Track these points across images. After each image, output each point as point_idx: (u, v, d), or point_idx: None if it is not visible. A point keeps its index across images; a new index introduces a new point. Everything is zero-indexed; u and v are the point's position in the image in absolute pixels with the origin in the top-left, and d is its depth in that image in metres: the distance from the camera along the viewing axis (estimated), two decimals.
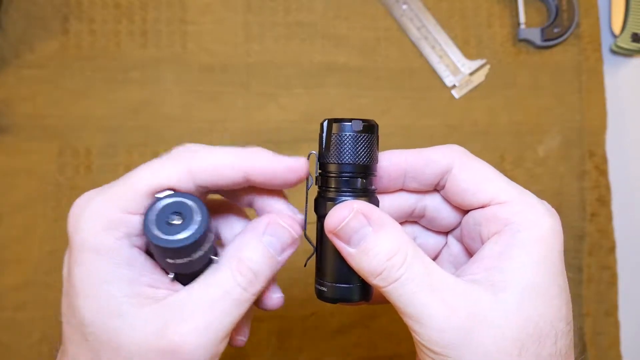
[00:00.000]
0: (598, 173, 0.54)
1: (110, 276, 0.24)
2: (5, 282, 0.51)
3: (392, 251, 0.25)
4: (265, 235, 0.26)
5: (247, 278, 0.25)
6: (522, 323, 0.24)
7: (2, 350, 0.50)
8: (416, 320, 0.24)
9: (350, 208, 0.26)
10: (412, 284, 0.24)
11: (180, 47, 0.55)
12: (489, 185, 0.27)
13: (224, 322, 0.25)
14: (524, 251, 0.25)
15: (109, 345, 0.24)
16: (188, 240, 0.24)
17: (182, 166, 0.26)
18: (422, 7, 0.56)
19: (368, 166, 0.28)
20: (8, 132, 0.53)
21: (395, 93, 0.55)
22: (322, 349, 0.51)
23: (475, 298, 0.24)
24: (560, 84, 0.55)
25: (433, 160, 0.28)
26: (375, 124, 0.28)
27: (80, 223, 0.25)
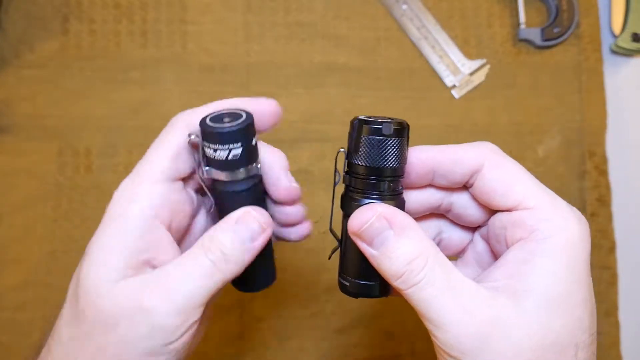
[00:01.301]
0: (598, 173, 0.54)
1: (116, 244, 0.27)
2: (5, 282, 0.51)
3: (412, 255, 0.25)
4: (237, 224, 0.28)
5: (215, 255, 0.27)
6: (542, 333, 0.24)
7: (2, 350, 0.50)
8: (435, 324, 0.25)
9: (374, 211, 0.26)
10: (432, 289, 0.25)
11: (180, 47, 0.55)
12: (518, 188, 0.27)
13: (194, 291, 0.26)
14: (548, 260, 0.25)
15: (93, 305, 0.26)
16: (231, 128, 0.28)
17: (179, 124, 0.29)
18: (422, 7, 0.56)
19: (396, 170, 0.28)
20: (8, 132, 0.53)
21: (395, 93, 0.55)
22: (322, 349, 0.51)
23: (495, 305, 0.24)
24: (560, 84, 0.55)
25: (463, 158, 0.28)
26: (406, 126, 0.28)
27: (114, 197, 0.28)
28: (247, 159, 0.29)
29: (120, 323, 0.26)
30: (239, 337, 0.51)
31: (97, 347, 0.26)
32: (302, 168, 0.53)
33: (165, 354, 0.26)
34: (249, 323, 0.51)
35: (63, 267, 0.51)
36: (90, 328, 0.26)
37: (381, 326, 0.52)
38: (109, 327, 0.26)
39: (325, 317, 0.52)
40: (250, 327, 0.51)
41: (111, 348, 0.26)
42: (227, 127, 0.28)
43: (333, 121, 0.54)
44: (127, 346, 0.26)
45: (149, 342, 0.26)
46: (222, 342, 0.51)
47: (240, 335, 0.51)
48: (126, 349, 0.26)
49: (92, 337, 0.26)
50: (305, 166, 0.53)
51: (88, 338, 0.26)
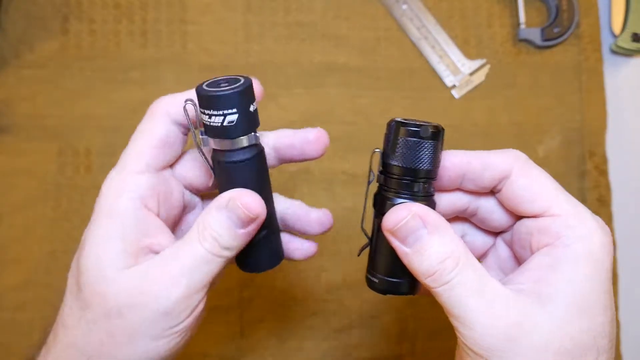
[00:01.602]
0: (598, 173, 0.54)
1: (113, 233, 0.28)
2: (5, 282, 0.51)
3: (445, 254, 0.26)
4: (226, 210, 0.28)
5: (209, 242, 0.28)
6: (565, 336, 0.25)
7: (2, 350, 0.50)
8: (462, 322, 0.26)
9: (408, 210, 0.27)
10: (462, 288, 0.26)
11: (180, 47, 0.55)
12: (545, 196, 0.28)
13: (193, 277, 0.27)
14: (573, 266, 0.26)
15: (98, 294, 0.27)
16: (225, 92, 0.27)
17: (160, 113, 0.30)
18: (422, 7, 0.56)
19: (430, 172, 0.28)
20: (8, 132, 0.53)
21: (395, 93, 0.55)
22: (322, 349, 0.51)
23: (521, 307, 0.25)
24: (560, 84, 0.55)
25: (493, 164, 0.29)
26: (441, 130, 0.28)
27: (101, 191, 0.29)
28: (244, 126, 0.28)
29: (126, 311, 0.27)
30: (239, 337, 0.51)
31: (106, 333, 0.27)
32: (302, 168, 0.53)
33: (171, 336, 0.28)
34: (249, 323, 0.51)
35: (63, 267, 0.51)
36: (97, 316, 0.27)
37: (381, 326, 0.52)
38: (115, 314, 0.27)
39: (325, 317, 0.52)
40: (250, 327, 0.51)
41: (119, 335, 0.27)
42: (221, 91, 0.27)
43: (333, 121, 0.54)
44: (134, 332, 0.27)
45: (155, 327, 0.27)
46: (222, 342, 0.51)
47: (240, 335, 0.51)
48: (134, 334, 0.27)
49: (99, 324, 0.27)
50: (306, 166, 0.53)
51: (96, 325, 0.27)
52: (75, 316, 0.28)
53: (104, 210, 0.28)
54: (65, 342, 0.28)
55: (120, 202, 0.28)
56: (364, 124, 0.54)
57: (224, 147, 0.28)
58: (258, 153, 0.29)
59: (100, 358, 0.28)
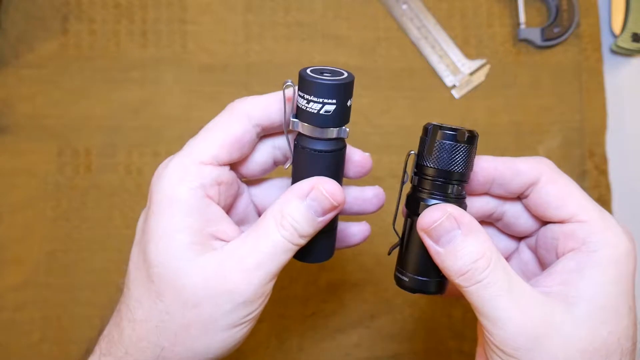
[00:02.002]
0: (598, 173, 0.54)
1: (180, 224, 0.28)
2: (5, 282, 0.51)
3: (477, 255, 0.27)
4: (308, 199, 0.28)
5: (289, 232, 0.28)
6: (591, 337, 0.26)
7: (2, 350, 0.50)
8: (492, 321, 0.26)
9: (443, 211, 0.28)
10: (493, 288, 0.26)
11: (180, 47, 0.55)
12: (572, 202, 0.29)
13: (270, 266, 0.28)
14: (598, 271, 0.27)
15: (172, 285, 0.27)
16: (329, 81, 0.27)
17: (240, 113, 0.29)
18: (422, 7, 0.56)
19: (463, 174, 0.29)
20: (8, 132, 0.53)
21: (395, 93, 0.55)
22: (322, 349, 0.51)
23: (549, 308, 0.26)
24: (560, 83, 0.55)
25: (522, 171, 0.30)
26: (476, 135, 0.30)
27: (159, 180, 0.29)
28: (338, 118, 0.28)
29: (203, 303, 0.27)
30: None
31: (180, 324, 0.27)
32: None
33: (246, 323, 0.29)
34: None
35: (63, 267, 0.51)
36: (172, 307, 0.27)
37: (381, 326, 0.52)
38: (191, 306, 0.27)
39: (325, 317, 0.52)
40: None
41: (195, 325, 0.27)
42: (325, 80, 0.27)
43: None
44: (211, 322, 0.27)
45: (232, 317, 0.28)
46: None
47: None
48: (210, 324, 0.28)
49: (174, 315, 0.27)
50: None
51: (170, 316, 0.28)
52: (146, 308, 0.28)
53: (165, 198, 0.28)
54: (136, 335, 0.28)
55: (182, 191, 0.28)
56: (364, 124, 0.54)
57: (314, 134, 0.29)
58: (343, 147, 0.30)
59: (175, 348, 0.28)
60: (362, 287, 0.52)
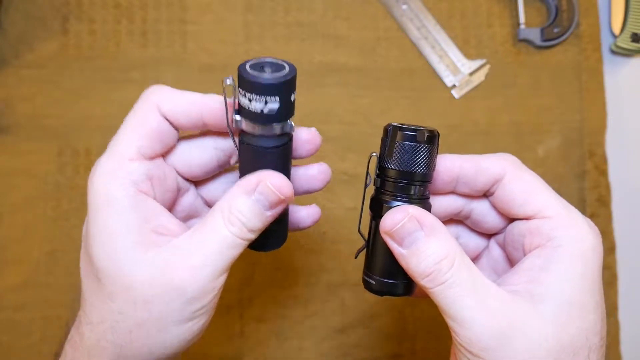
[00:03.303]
0: (598, 173, 0.54)
1: (118, 224, 0.28)
2: (5, 282, 0.51)
3: (441, 255, 0.27)
4: (256, 193, 0.28)
5: (237, 227, 0.28)
6: (558, 335, 0.25)
7: (2, 350, 0.50)
8: (458, 322, 0.26)
9: (405, 212, 0.28)
10: (458, 288, 0.26)
11: (180, 47, 0.55)
12: (537, 199, 0.29)
13: (218, 262, 0.28)
14: (564, 266, 0.26)
15: (120, 285, 0.27)
16: (271, 80, 0.26)
17: (151, 104, 0.29)
18: (422, 7, 0.56)
19: (425, 175, 0.29)
20: (8, 132, 0.53)
21: (395, 93, 0.55)
22: (322, 349, 0.51)
23: (515, 307, 0.26)
24: (560, 83, 0.55)
25: (486, 168, 0.30)
26: (437, 134, 0.29)
27: (91, 182, 0.28)
28: (282, 114, 0.28)
29: (152, 300, 0.27)
30: (239, 336, 0.51)
31: (134, 322, 0.28)
32: None
33: (198, 317, 0.28)
34: (249, 323, 0.51)
35: (63, 267, 0.51)
36: (124, 306, 0.27)
37: (381, 326, 0.52)
38: (141, 304, 0.27)
39: (325, 317, 0.52)
40: (250, 327, 0.52)
41: (148, 322, 0.27)
42: (268, 79, 0.26)
43: (333, 121, 0.54)
44: (162, 319, 0.27)
45: (182, 313, 0.28)
46: (222, 342, 0.51)
47: (240, 335, 0.51)
48: (162, 321, 0.28)
49: (127, 314, 0.27)
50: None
51: (123, 315, 0.28)
52: (99, 310, 0.28)
53: (99, 200, 0.28)
54: (94, 337, 0.29)
55: (114, 190, 0.28)
56: (364, 124, 0.54)
57: (258, 132, 0.28)
58: (288, 141, 0.29)
59: (132, 345, 0.28)
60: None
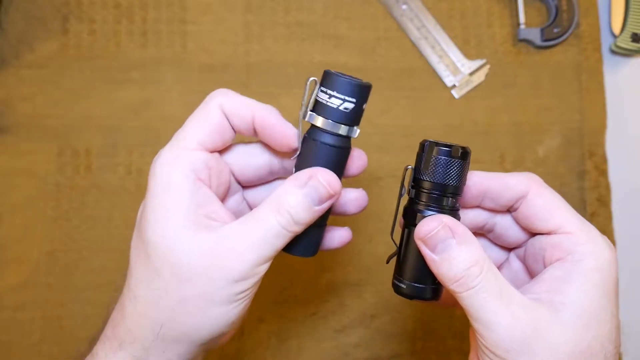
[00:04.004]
0: (598, 173, 0.54)
1: (174, 205, 0.29)
2: (5, 282, 0.51)
3: (471, 262, 0.29)
4: (306, 187, 0.30)
5: (285, 219, 0.29)
6: (576, 341, 0.27)
7: (2, 350, 0.50)
8: (484, 325, 0.28)
9: (439, 221, 0.30)
10: (485, 294, 0.28)
11: (180, 47, 0.55)
12: (558, 215, 0.31)
13: (263, 250, 0.29)
14: (583, 278, 0.29)
15: (168, 262, 0.29)
16: (355, 81, 0.30)
17: (214, 103, 0.32)
18: (422, 7, 0.56)
19: (457, 187, 0.32)
20: (8, 132, 0.53)
21: (395, 93, 0.55)
22: (322, 349, 0.52)
23: (537, 314, 0.28)
24: (560, 83, 0.56)
25: (511, 185, 0.32)
26: (469, 152, 0.32)
27: (154, 169, 0.30)
28: (353, 117, 0.31)
29: (197, 278, 0.29)
30: (239, 336, 0.51)
31: (178, 299, 0.29)
32: None
33: (239, 301, 0.30)
34: (249, 323, 0.51)
35: (63, 267, 0.51)
36: (169, 283, 0.29)
37: (381, 326, 0.52)
38: (187, 282, 0.29)
39: (325, 317, 0.52)
40: (250, 327, 0.52)
41: (192, 300, 0.29)
42: (350, 79, 0.30)
43: None
44: (205, 298, 0.29)
45: (225, 293, 0.29)
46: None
47: (240, 334, 0.51)
48: (205, 300, 0.29)
49: (171, 291, 0.29)
50: None
51: (167, 292, 0.29)
52: (145, 285, 0.30)
53: (159, 183, 0.30)
54: (137, 313, 0.30)
55: (174, 175, 0.30)
56: (364, 124, 0.54)
57: (327, 128, 0.30)
58: (350, 147, 0.32)
59: (173, 324, 0.29)
60: (362, 287, 0.52)
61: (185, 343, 0.30)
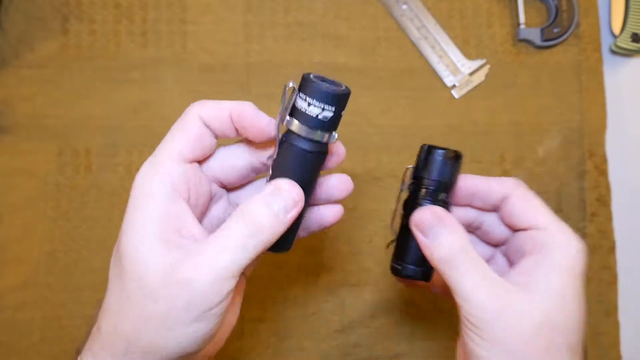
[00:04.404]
0: (598, 173, 0.54)
1: (148, 215, 0.30)
2: (5, 282, 0.51)
3: (455, 245, 0.33)
4: (270, 196, 0.30)
5: (250, 229, 0.29)
6: (543, 316, 0.32)
7: (2, 350, 0.50)
8: (463, 298, 0.32)
9: (432, 210, 0.35)
10: (466, 272, 0.33)
11: (180, 47, 0.55)
12: (535, 213, 0.35)
13: (229, 263, 0.29)
14: (552, 265, 0.33)
15: (135, 274, 0.29)
16: (334, 90, 0.30)
17: (193, 114, 0.33)
18: (422, 7, 0.56)
19: (449, 184, 0.37)
20: (8, 132, 0.53)
21: (395, 93, 0.55)
22: (322, 349, 0.52)
23: (510, 291, 0.32)
24: (560, 83, 0.56)
25: (496, 188, 0.37)
26: (461, 155, 0.37)
27: (135, 180, 0.31)
28: (332, 124, 0.31)
29: (161, 296, 0.28)
30: (239, 336, 0.51)
31: (142, 315, 0.28)
32: None
33: (204, 320, 0.29)
34: (249, 323, 0.52)
35: (63, 267, 0.51)
36: (135, 298, 0.29)
37: (381, 326, 0.52)
38: (150, 298, 0.28)
39: (325, 317, 0.52)
40: (250, 327, 0.52)
41: (155, 317, 0.28)
42: (332, 88, 0.30)
43: None
44: (169, 316, 0.28)
45: (188, 312, 0.28)
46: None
47: (240, 334, 0.51)
48: (168, 318, 0.28)
49: (135, 305, 0.29)
50: None
51: (133, 308, 0.29)
52: (115, 297, 0.30)
53: (138, 194, 0.30)
54: (108, 329, 0.30)
55: (152, 186, 0.30)
56: (364, 124, 0.54)
57: (305, 134, 0.31)
58: (326, 152, 0.33)
59: (139, 341, 0.29)
60: (362, 287, 0.52)
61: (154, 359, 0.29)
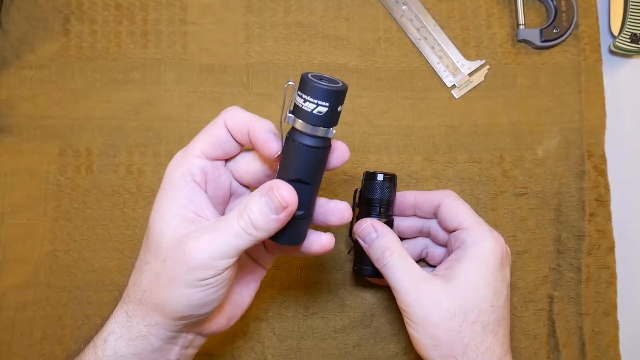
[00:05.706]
0: (597, 173, 0.54)
1: (170, 197, 0.36)
2: (6, 282, 0.51)
3: (385, 247, 0.43)
4: (265, 196, 0.34)
5: (244, 221, 0.34)
6: (457, 301, 0.40)
7: (3, 349, 0.50)
8: (395, 289, 0.42)
9: (366, 222, 0.44)
10: (394, 268, 0.42)
11: (180, 48, 0.55)
12: (460, 216, 0.44)
13: (222, 245, 0.34)
14: (469, 259, 0.42)
15: (155, 241, 0.35)
16: (324, 87, 0.32)
17: (220, 119, 0.37)
18: (422, 8, 0.56)
19: (386, 200, 0.46)
20: (9, 133, 0.53)
21: (395, 93, 0.55)
22: (322, 348, 0.52)
23: (431, 282, 0.41)
24: (559, 84, 0.56)
25: (431, 198, 0.46)
26: (395, 177, 0.47)
27: (166, 169, 0.37)
28: (327, 120, 0.33)
29: (169, 260, 0.34)
30: (239, 336, 0.51)
31: (155, 273, 0.35)
32: None
33: (202, 287, 0.34)
34: (249, 322, 0.52)
35: (64, 266, 0.52)
36: (152, 259, 0.35)
37: (381, 326, 0.52)
38: (162, 261, 0.34)
39: (325, 317, 0.52)
40: (250, 327, 0.52)
41: (163, 276, 0.35)
42: (322, 85, 0.32)
43: None
44: (173, 276, 0.34)
45: (187, 277, 0.34)
46: (222, 342, 0.51)
47: (240, 334, 0.51)
48: (172, 279, 0.34)
49: (152, 265, 0.35)
50: None
51: (149, 266, 0.35)
52: (141, 258, 0.37)
53: (166, 181, 0.37)
54: (133, 278, 0.37)
55: (175, 175, 0.36)
56: (364, 124, 0.54)
57: (304, 130, 0.34)
58: (328, 146, 0.35)
59: (150, 294, 0.35)
60: (362, 287, 0.53)
61: (160, 314, 0.35)
